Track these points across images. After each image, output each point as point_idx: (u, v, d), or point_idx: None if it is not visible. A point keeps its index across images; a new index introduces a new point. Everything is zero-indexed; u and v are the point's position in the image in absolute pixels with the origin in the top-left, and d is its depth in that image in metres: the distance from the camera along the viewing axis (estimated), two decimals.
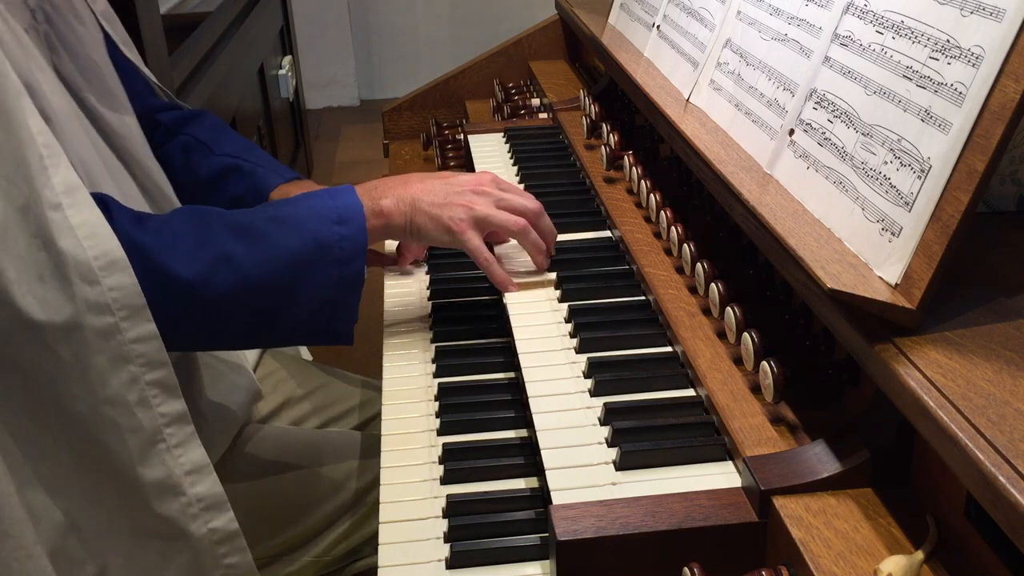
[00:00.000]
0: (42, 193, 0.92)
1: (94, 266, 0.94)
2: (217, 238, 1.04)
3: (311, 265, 1.06)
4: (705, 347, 1.03)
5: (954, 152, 0.77)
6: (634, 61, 1.52)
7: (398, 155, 2.13)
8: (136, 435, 0.98)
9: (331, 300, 1.08)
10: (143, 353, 0.97)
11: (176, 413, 1.00)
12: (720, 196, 1.08)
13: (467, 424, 1.07)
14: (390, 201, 1.15)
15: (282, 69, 3.69)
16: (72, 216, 0.94)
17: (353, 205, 1.11)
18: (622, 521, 0.82)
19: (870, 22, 0.94)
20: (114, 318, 0.95)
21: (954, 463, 0.66)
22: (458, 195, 1.18)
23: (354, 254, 1.08)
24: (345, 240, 1.08)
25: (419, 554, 0.90)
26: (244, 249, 1.04)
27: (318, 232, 1.07)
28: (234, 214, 1.09)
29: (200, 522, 1.03)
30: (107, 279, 0.94)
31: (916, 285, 0.78)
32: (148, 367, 0.97)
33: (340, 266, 1.07)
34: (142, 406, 0.98)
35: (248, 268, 1.04)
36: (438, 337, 1.24)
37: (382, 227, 1.15)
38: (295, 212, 1.10)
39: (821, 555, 0.74)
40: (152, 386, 0.98)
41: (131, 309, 0.96)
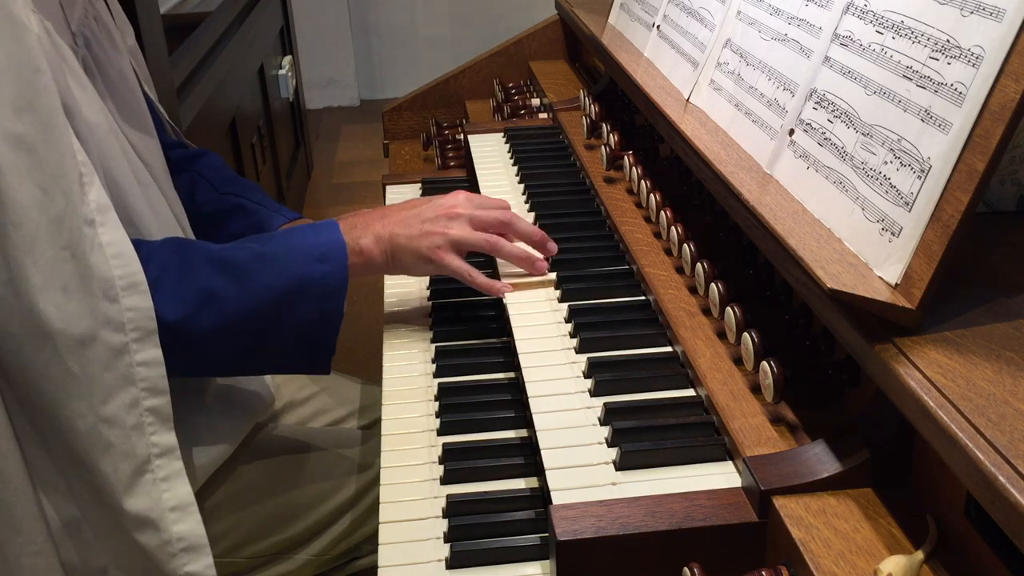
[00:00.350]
0: (78, 208, 0.94)
1: (117, 285, 0.96)
2: (200, 274, 1.06)
3: (293, 302, 1.09)
4: (705, 347, 1.03)
5: (954, 152, 0.77)
6: (634, 61, 1.52)
7: (398, 155, 2.13)
8: (128, 460, 0.98)
9: (311, 335, 1.11)
10: (147, 377, 0.98)
11: (167, 445, 1.00)
12: (720, 196, 1.08)
13: (467, 424, 1.07)
14: (369, 240, 1.18)
15: (282, 69, 3.69)
16: (103, 234, 0.96)
17: (336, 243, 1.14)
18: (622, 521, 0.82)
19: (870, 22, 0.94)
20: (127, 337, 0.97)
21: (954, 463, 0.66)
22: (432, 223, 1.20)
23: (335, 291, 1.11)
24: (327, 277, 1.11)
25: (419, 554, 0.90)
26: (227, 286, 1.06)
27: (300, 270, 1.10)
28: (219, 249, 1.11)
29: (177, 563, 1.02)
30: (126, 299, 0.96)
31: (916, 285, 0.78)
32: (149, 392, 0.99)
33: (321, 302, 1.10)
34: (137, 431, 0.98)
35: (231, 306, 1.06)
36: (438, 337, 1.24)
37: (362, 265, 1.18)
38: (279, 249, 1.12)
39: (821, 555, 0.74)
40: (149, 413, 0.99)
41: (143, 332, 0.98)
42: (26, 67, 0.92)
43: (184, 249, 1.09)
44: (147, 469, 0.99)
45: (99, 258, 0.95)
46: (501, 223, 1.24)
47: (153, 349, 0.99)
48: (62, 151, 0.94)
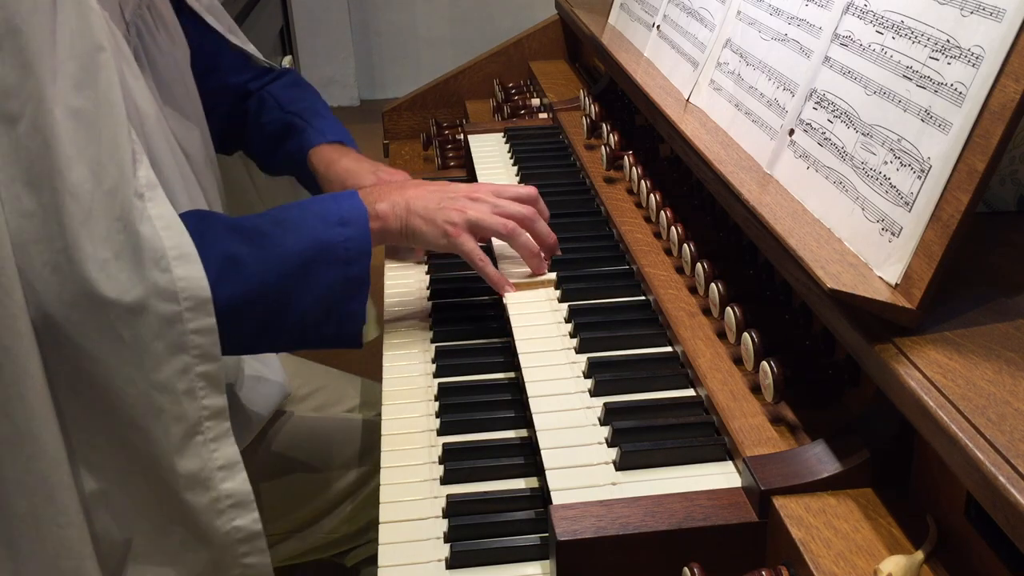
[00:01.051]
0: (130, 181, 0.96)
1: (169, 255, 0.97)
2: (221, 240, 1.06)
3: (315, 266, 1.08)
4: (705, 347, 1.03)
5: (954, 152, 0.77)
6: (634, 61, 1.52)
7: (398, 155, 2.13)
8: (179, 424, 1.00)
9: (337, 302, 1.10)
10: (199, 344, 0.99)
11: (217, 407, 1.02)
12: (720, 196, 1.08)
13: (467, 424, 1.07)
14: (385, 205, 1.17)
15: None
16: (152, 208, 0.97)
17: (356, 207, 1.13)
18: (622, 521, 0.81)
19: (870, 22, 0.94)
20: (179, 307, 0.98)
21: (954, 463, 0.66)
22: (452, 200, 1.20)
23: (358, 255, 1.10)
24: (349, 241, 1.10)
25: (419, 554, 0.90)
26: (247, 251, 1.06)
27: (321, 233, 1.09)
28: (238, 218, 1.12)
29: (225, 518, 1.04)
30: (178, 269, 0.98)
31: (916, 285, 0.78)
32: (201, 359, 1.00)
33: (344, 267, 1.09)
34: (189, 396, 1.00)
35: (252, 271, 1.06)
36: (438, 337, 1.24)
37: (379, 230, 1.17)
38: (298, 215, 1.12)
39: (821, 555, 0.74)
40: (201, 378, 1.00)
41: (196, 300, 0.99)
42: (89, 43, 0.95)
43: (204, 218, 1.09)
44: (198, 431, 1.01)
45: (149, 229, 0.97)
46: (524, 216, 1.23)
47: (207, 317, 0.99)
48: (117, 127, 0.96)
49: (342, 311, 1.11)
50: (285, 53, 3.95)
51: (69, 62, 0.94)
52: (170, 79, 1.21)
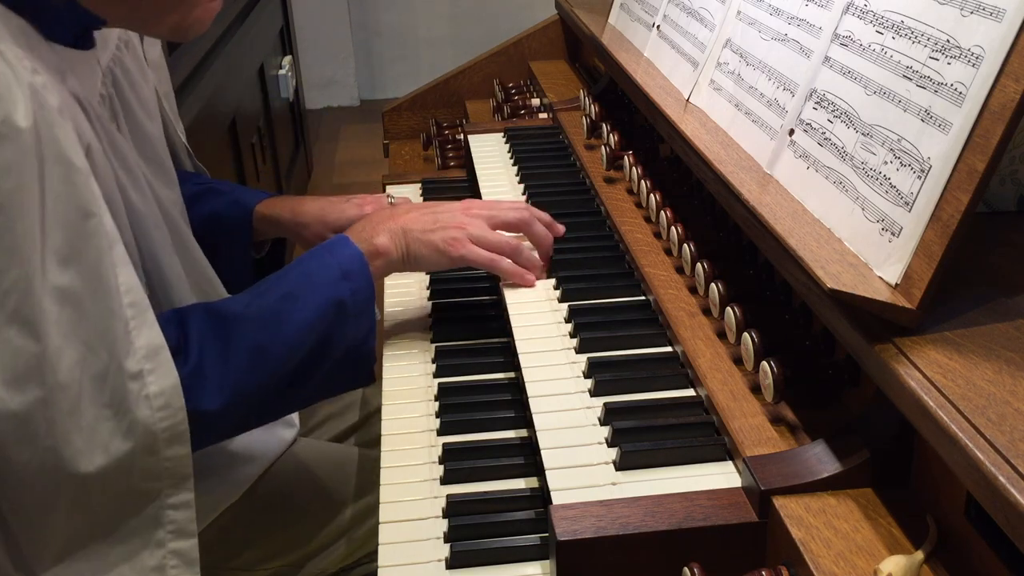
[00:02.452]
0: (124, 363, 0.89)
1: (160, 438, 0.92)
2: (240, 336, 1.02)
3: (329, 327, 1.06)
4: (705, 347, 1.03)
5: (954, 152, 0.77)
6: (634, 61, 1.52)
7: (398, 155, 2.13)
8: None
9: (351, 351, 1.09)
10: (175, 520, 0.95)
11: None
12: (720, 196, 1.08)
13: (467, 424, 1.07)
14: (384, 237, 1.15)
15: (282, 69, 3.69)
16: (151, 384, 0.91)
17: (353, 256, 1.11)
18: (622, 521, 0.81)
19: (870, 22, 0.94)
20: (161, 484, 0.93)
21: (954, 463, 0.66)
22: (447, 218, 1.19)
23: (365, 304, 1.09)
24: (355, 294, 1.08)
25: (419, 554, 0.90)
26: (268, 336, 1.03)
27: (328, 294, 1.07)
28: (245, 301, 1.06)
29: None
30: (166, 451, 0.92)
31: (916, 285, 0.78)
32: (176, 535, 0.95)
33: (356, 319, 1.08)
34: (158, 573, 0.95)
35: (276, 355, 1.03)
36: (438, 337, 1.24)
37: (383, 266, 1.16)
38: (301, 281, 1.08)
39: (821, 555, 0.74)
40: (173, 555, 0.95)
41: (178, 478, 0.94)
42: (75, 211, 0.86)
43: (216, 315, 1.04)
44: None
45: (144, 412, 0.90)
46: (522, 221, 1.23)
47: (186, 493, 0.95)
48: (109, 299, 0.88)
49: (356, 358, 1.10)
50: (285, 53, 3.95)
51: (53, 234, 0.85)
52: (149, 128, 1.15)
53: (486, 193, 1.54)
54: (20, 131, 0.82)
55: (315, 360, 1.07)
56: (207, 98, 2.33)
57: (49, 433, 0.85)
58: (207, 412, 0.97)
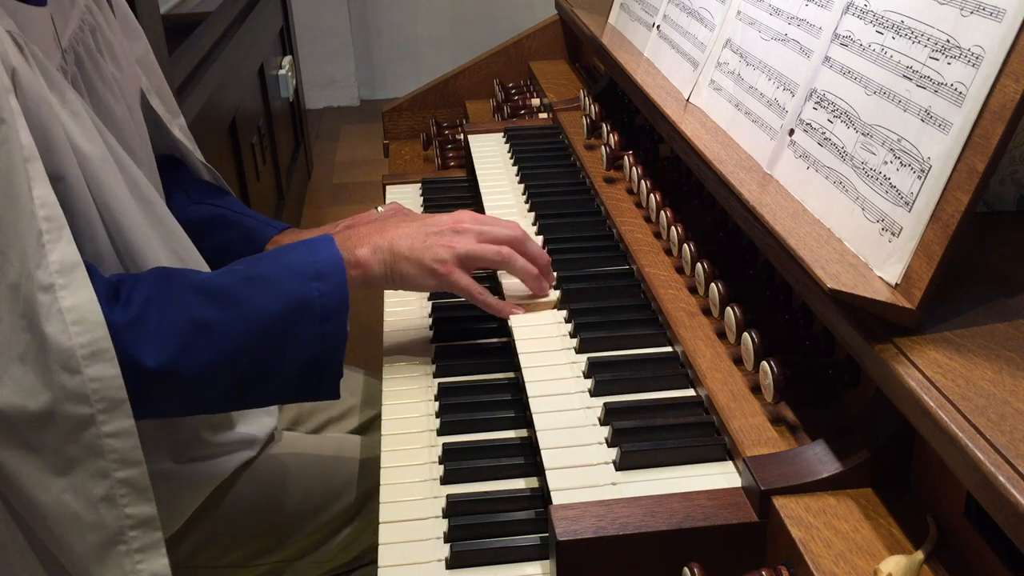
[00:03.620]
0: (34, 273, 0.88)
1: (78, 354, 0.90)
2: (187, 305, 1.00)
3: (291, 326, 1.02)
4: (705, 347, 1.03)
5: (954, 152, 0.77)
6: (634, 61, 1.52)
7: (398, 155, 2.13)
8: (95, 532, 0.94)
9: (314, 359, 1.04)
10: (117, 449, 0.93)
11: (143, 516, 0.95)
12: (720, 196, 1.08)
13: (467, 424, 1.07)
14: (366, 250, 1.11)
15: (282, 69, 3.69)
16: (63, 299, 0.89)
17: (331, 258, 1.06)
18: (622, 521, 0.81)
19: (870, 22, 0.94)
20: (91, 409, 0.91)
21: (954, 463, 0.66)
22: (437, 236, 1.14)
23: (334, 310, 1.04)
24: (325, 297, 1.03)
25: (419, 554, 0.90)
26: (219, 315, 1.00)
27: (296, 290, 1.03)
28: (207, 276, 1.05)
29: None
30: (89, 369, 0.90)
31: (916, 285, 0.78)
32: (120, 464, 0.93)
33: (321, 324, 1.03)
34: (107, 503, 0.93)
35: (223, 337, 1.00)
36: (438, 337, 1.24)
37: (360, 277, 1.11)
38: (271, 270, 1.05)
39: (821, 555, 0.74)
40: (122, 484, 0.94)
41: (110, 402, 0.92)
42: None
43: (169, 279, 1.02)
44: (120, 540, 0.94)
45: (56, 326, 0.89)
46: (512, 239, 1.18)
47: (123, 419, 0.92)
48: (19, 211, 0.88)
49: (318, 367, 1.05)
50: (285, 53, 3.95)
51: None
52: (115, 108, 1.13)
53: (486, 193, 1.54)
54: None
55: (270, 355, 1.03)
56: (207, 98, 2.33)
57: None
58: (144, 368, 0.95)
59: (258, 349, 1.02)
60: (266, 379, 1.04)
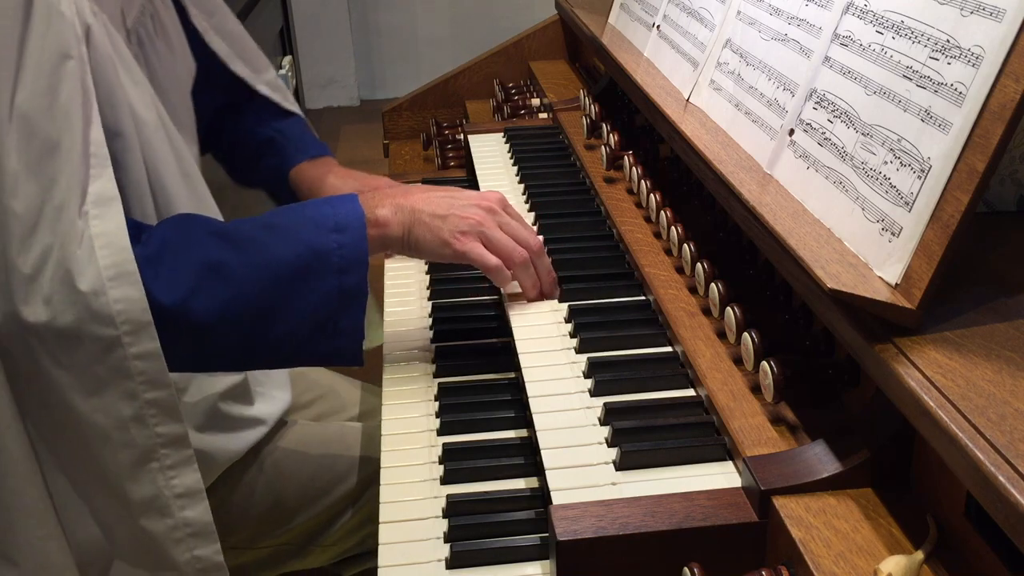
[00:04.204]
0: (75, 201, 0.93)
1: (103, 276, 0.93)
2: (202, 246, 1.01)
3: (307, 275, 1.02)
4: (705, 347, 1.03)
5: (954, 152, 0.77)
6: (634, 61, 1.52)
7: (398, 155, 2.13)
8: (128, 450, 0.97)
9: (332, 314, 1.04)
10: (144, 370, 0.95)
11: (174, 435, 0.98)
12: (720, 196, 1.08)
13: (467, 424, 1.07)
14: (387, 210, 1.10)
15: (282, 69, 3.69)
16: (95, 226, 0.94)
17: (353, 212, 1.06)
18: (622, 521, 0.81)
19: (870, 22, 0.94)
20: (117, 331, 0.93)
21: (954, 463, 0.66)
22: (462, 208, 1.12)
23: (353, 263, 1.03)
24: (344, 248, 1.03)
25: (419, 554, 0.90)
26: (231, 257, 1.01)
27: (313, 240, 1.03)
28: (224, 223, 1.07)
29: (184, 547, 1.01)
30: (113, 290, 0.93)
31: (916, 285, 0.78)
32: (148, 385, 0.96)
33: (339, 276, 1.03)
34: (138, 423, 0.96)
35: (238, 278, 1.00)
36: (438, 337, 1.24)
37: (379, 237, 1.10)
38: (290, 219, 1.06)
39: (821, 555, 0.74)
40: (151, 405, 0.96)
41: (135, 324, 0.94)
42: (53, 52, 0.93)
43: (187, 222, 1.05)
44: (152, 458, 0.98)
45: (86, 249, 0.93)
46: (530, 246, 1.16)
47: (149, 342, 0.95)
48: (72, 140, 0.93)
49: (336, 325, 1.04)
50: (285, 53, 3.96)
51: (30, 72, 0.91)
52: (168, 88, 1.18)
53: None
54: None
55: (283, 304, 1.02)
56: None
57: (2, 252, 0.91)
58: (160, 304, 0.97)
59: (272, 295, 1.02)
60: (278, 331, 1.03)
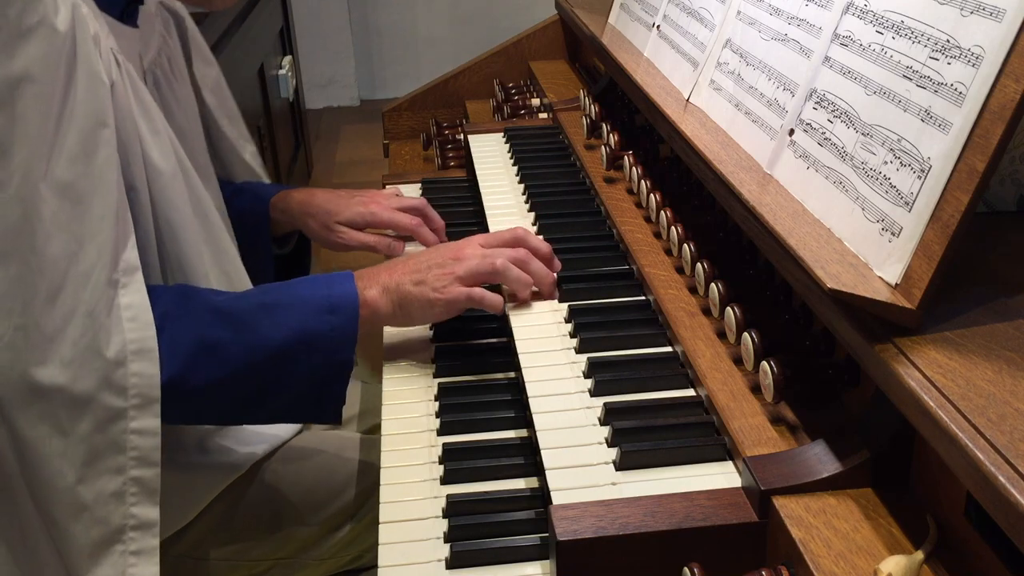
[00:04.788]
0: (108, 265, 0.94)
1: (128, 348, 0.94)
2: (201, 322, 1.03)
3: (298, 355, 1.06)
4: (705, 347, 1.03)
5: (954, 152, 0.77)
6: (634, 61, 1.52)
7: (398, 155, 2.13)
8: (99, 527, 0.95)
9: (317, 387, 1.08)
10: (138, 447, 0.96)
11: (147, 519, 0.98)
12: (720, 196, 1.08)
13: (467, 424, 1.07)
14: (375, 291, 1.14)
15: (282, 69, 3.69)
16: (123, 296, 0.95)
17: (347, 294, 1.10)
18: (622, 521, 0.81)
19: (870, 22, 0.94)
20: (127, 403, 0.95)
21: (954, 463, 0.66)
22: (439, 267, 1.16)
23: (344, 343, 1.08)
24: (335, 331, 1.07)
25: (419, 554, 0.90)
26: (228, 337, 1.03)
27: (308, 322, 1.07)
28: (224, 299, 1.08)
29: None
30: (133, 364, 0.95)
31: (916, 285, 0.78)
32: (138, 462, 0.96)
33: (328, 355, 1.07)
34: (117, 499, 0.96)
35: (230, 358, 1.03)
36: (438, 337, 1.24)
37: (368, 317, 1.14)
38: (286, 298, 1.09)
39: (821, 555, 0.74)
40: (134, 483, 0.96)
41: (144, 399, 0.96)
42: (93, 119, 0.94)
43: (187, 297, 1.06)
44: (119, 539, 0.96)
45: (115, 319, 0.94)
46: (515, 238, 1.21)
47: (151, 419, 0.96)
48: (107, 207, 0.94)
49: (324, 393, 1.09)
50: (285, 53, 3.95)
51: (70, 136, 0.92)
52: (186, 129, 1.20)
53: (486, 193, 1.54)
54: (56, 32, 0.91)
55: (274, 381, 1.06)
56: None
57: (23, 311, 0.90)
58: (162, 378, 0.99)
59: (263, 373, 1.06)
60: (268, 401, 1.08)
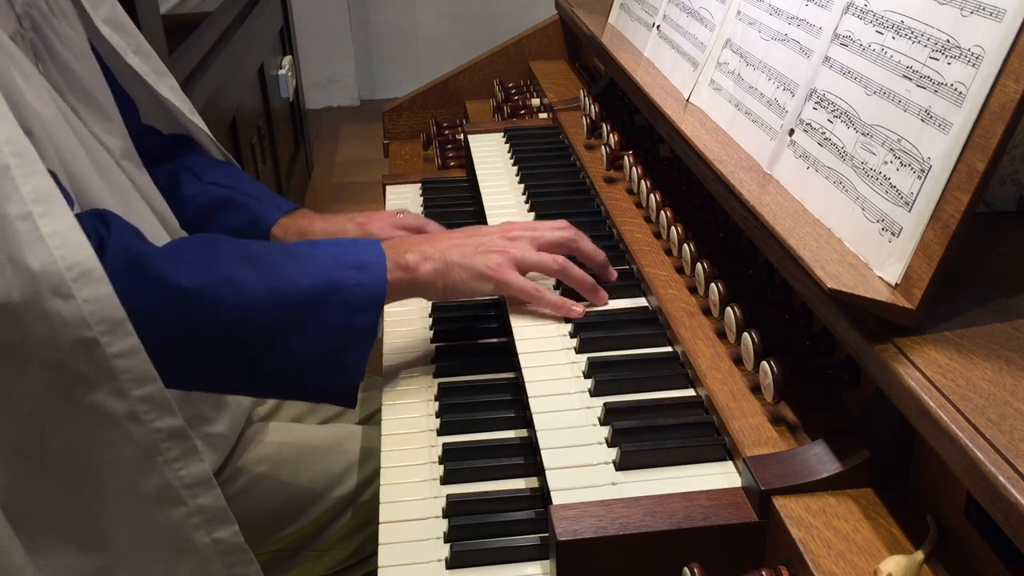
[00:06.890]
0: (7, 207, 0.88)
1: (66, 277, 0.89)
2: (226, 260, 1.01)
3: (319, 305, 1.01)
4: (705, 347, 1.03)
5: (954, 152, 0.77)
6: (634, 61, 1.52)
7: (398, 155, 2.13)
8: (129, 447, 0.95)
9: (336, 350, 1.03)
10: (127, 368, 0.93)
11: (172, 428, 0.96)
12: (720, 196, 1.08)
13: (467, 424, 1.07)
14: (415, 256, 1.10)
15: (282, 69, 3.69)
16: (44, 225, 0.89)
17: (376, 254, 1.07)
18: (622, 521, 0.81)
19: (870, 22, 0.94)
20: (92, 332, 0.90)
21: (954, 463, 0.66)
22: (490, 243, 1.14)
23: (368, 303, 1.03)
24: (361, 287, 1.03)
25: (419, 554, 0.90)
26: (252, 275, 1.00)
27: (332, 273, 1.03)
28: (249, 243, 1.06)
29: (203, 532, 1.00)
30: (81, 291, 0.90)
31: (916, 285, 0.78)
32: (134, 382, 0.93)
33: (351, 313, 1.02)
34: (133, 420, 0.94)
35: (252, 294, 1.00)
36: (438, 337, 1.24)
37: (407, 281, 1.10)
38: (313, 251, 1.07)
39: (821, 555, 0.74)
40: (142, 401, 0.94)
41: (110, 323, 0.91)
42: None
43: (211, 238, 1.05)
44: (156, 452, 0.96)
45: (41, 253, 0.89)
46: (567, 240, 1.18)
47: (127, 337, 0.92)
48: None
49: (339, 359, 1.04)
50: (285, 53, 3.95)
51: None
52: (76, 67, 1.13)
53: (486, 193, 1.54)
54: None
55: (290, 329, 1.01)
56: (207, 98, 2.33)
57: None
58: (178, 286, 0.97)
59: (282, 317, 1.01)
60: (281, 356, 1.03)
